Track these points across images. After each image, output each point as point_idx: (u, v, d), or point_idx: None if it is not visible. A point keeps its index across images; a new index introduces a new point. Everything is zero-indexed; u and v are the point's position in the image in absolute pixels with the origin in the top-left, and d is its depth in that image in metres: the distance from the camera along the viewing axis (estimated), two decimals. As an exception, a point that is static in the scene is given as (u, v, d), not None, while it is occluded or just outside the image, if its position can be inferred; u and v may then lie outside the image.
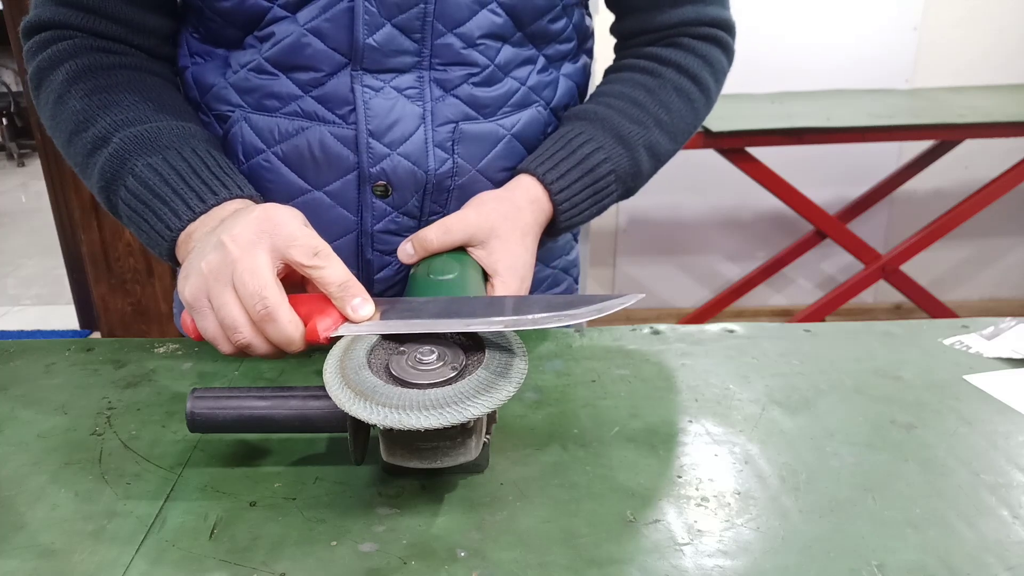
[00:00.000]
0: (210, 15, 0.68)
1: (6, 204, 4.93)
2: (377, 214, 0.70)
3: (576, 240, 0.88)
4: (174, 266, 0.64)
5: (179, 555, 0.44)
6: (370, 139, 0.67)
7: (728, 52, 0.78)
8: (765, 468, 0.51)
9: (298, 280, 0.54)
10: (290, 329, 0.50)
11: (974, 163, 2.59)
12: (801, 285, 2.87)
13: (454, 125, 0.68)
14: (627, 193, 0.75)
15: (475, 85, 0.69)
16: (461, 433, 0.45)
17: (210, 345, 0.69)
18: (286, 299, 0.51)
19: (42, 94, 0.69)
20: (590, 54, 0.80)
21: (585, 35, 0.77)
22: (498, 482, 0.50)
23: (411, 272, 0.64)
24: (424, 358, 0.47)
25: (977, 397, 0.60)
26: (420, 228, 0.71)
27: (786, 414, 0.58)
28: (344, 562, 0.43)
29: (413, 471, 0.49)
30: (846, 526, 0.46)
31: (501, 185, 0.72)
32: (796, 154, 2.38)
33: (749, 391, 0.61)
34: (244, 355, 0.53)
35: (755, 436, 0.55)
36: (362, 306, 0.51)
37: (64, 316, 3.06)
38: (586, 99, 0.78)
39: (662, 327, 0.72)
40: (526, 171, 0.70)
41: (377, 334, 0.50)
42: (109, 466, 0.52)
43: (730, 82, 0.81)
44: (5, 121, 5.85)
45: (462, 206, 0.68)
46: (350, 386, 0.45)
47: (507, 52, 0.69)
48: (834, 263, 2.80)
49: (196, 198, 0.61)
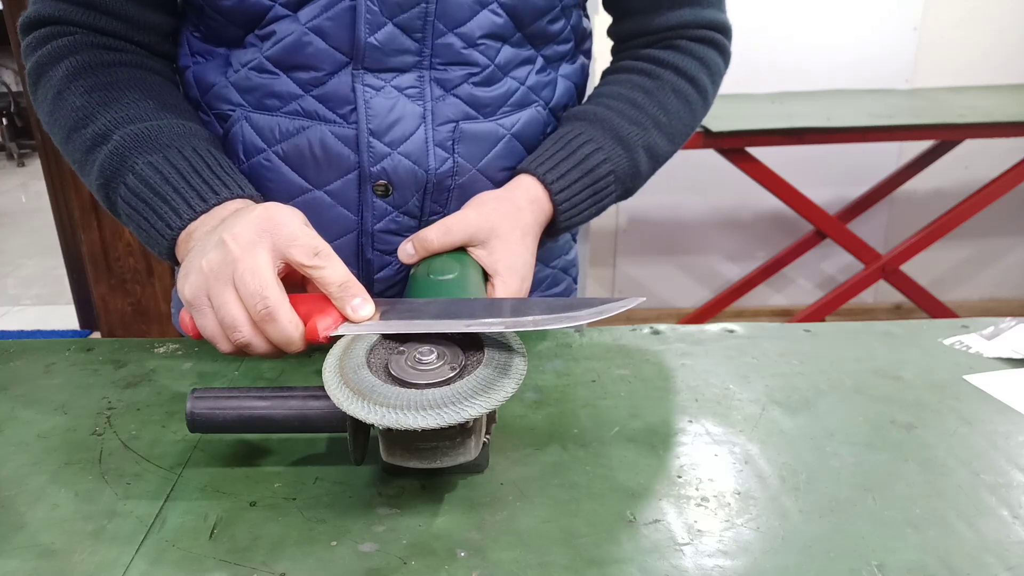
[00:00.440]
0: (211, 14, 0.68)
1: (6, 204, 4.93)
2: (378, 213, 0.70)
3: (575, 240, 0.88)
4: (173, 265, 0.64)
5: (179, 555, 0.44)
6: (371, 138, 0.67)
7: (724, 54, 0.79)
8: (765, 468, 0.51)
9: (298, 280, 0.54)
10: (290, 329, 0.50)
11: (974, 163, 2.59)
12: (801, 285, 2.87)
13: (454, 124, 0.69)
14: (626, 194, 0.75)
15: (475, 85, 0.69)
16: (461, 433, 0.45)
17: (210, 345, 0.68)
18: (286, 299, 0.51)
19: (40, 90, 0.69)
20: (588, 55, 0.80)
21: (583, 36, 0.78)
22: (498, 482, 0.50)
23: (411, 272, 0.64)
24: (423, 358, 0.47)
25: (977, 397, 0.60)
26: (420, 228, 0.71)
27: (786, 414, 0.58)
28: (344, 562, 0.43)
29: (413, 471, 0.49)
30: (846, 526, 0.46)
31: (501, 185, 0.72)
32: (796, 154, 2.38)
33: (749, 391, 0.61)
34: (243, 354, 0.53)
35: (755, 436, 0.55)
36: (362, 306, 0.51)
37: (64, 316, 3.06)
38: (584, 100, 0.78)
39: (662, 327, 0.72)
40: (526, 171, 0.70)
41: (377, 334, 0.50)
42: (109, 466, 0.52)
43: (730, 82, 0.81)
44: (5, 121, 5.85)
45: (462, 206, 0.68)
46: (348, 385, 0.45)
47: (507, 52, 0.69)
48: (834, 263, 2.80)
49: (197, 197, 0.61)
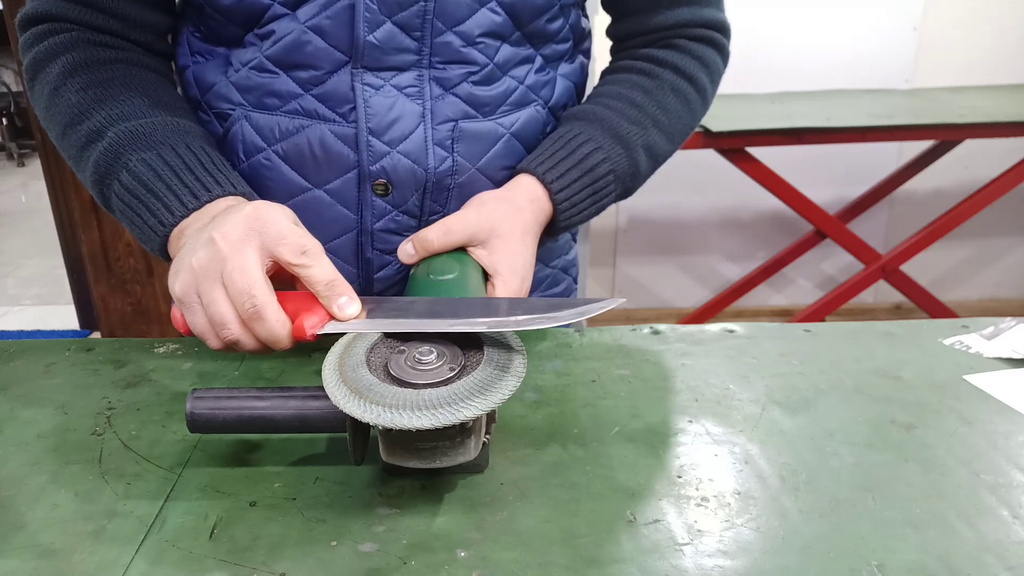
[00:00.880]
0: (211, 12, 0.68)
1: (6, 204, 4.93)
2: (377, 212, 0.70)
3: (575, 240, 0.88)
4: (166, 260, 0.64)
5: (179, 555, 0.44)
6: (370, 137, 0.67)
7: (723, 53, 0.79)
8: (765, 468, 0.51)
9: (287, 277, 0.55)
10: (277, 327, 0.51)
11: (974, 163, 2.59)
12: (801, 285, 2.87)
13: (453, 123, 0.69)
14: (625, 193, 0.75)
15: (474, 84, 0.69)
16: (460, 433, 0.45)
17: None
18: (274, 297, 0.51)
19: (37, 85, 0.69)
20: (587, 55, 0.80)
21: (582, 36, 0.78)
22: (498, 482, 0.50)
23: (411, 272, 0.64)
24: (423, 358, 0.47)
25: (977, 397, 0.60)
26: (420, 227, 0.71)
27: (786, 414, 0.58)
28: (344, 562, 0.43)
29: (413, 471, 0.49)
30: (846, 526, 0.46)
31: (501, 184, 0.72)
32: (796, 154, 2.38)
33: (749, 391, 0.61)
34: (232, 350, 0.54)
35: (755, 436, 0.55)
36: (348, 305, 0.52)
37: (64, 316, 3.06)
38: (583, 100, 0.78)
39: (662, 327, 0.72)
40: (526, 171, 0.70)
41: (370, 332, 0.50)
42: (109, 466, 0.52)
43: (730, 82, 0.81)
44: (5, 121, 5.85)
45: (462, 205, 0.68)
46: (347, 384, 0.45)
47: (506, 51, 0.69)
48: (834, 263, 2.80)
49: (189, 194, 0.61)
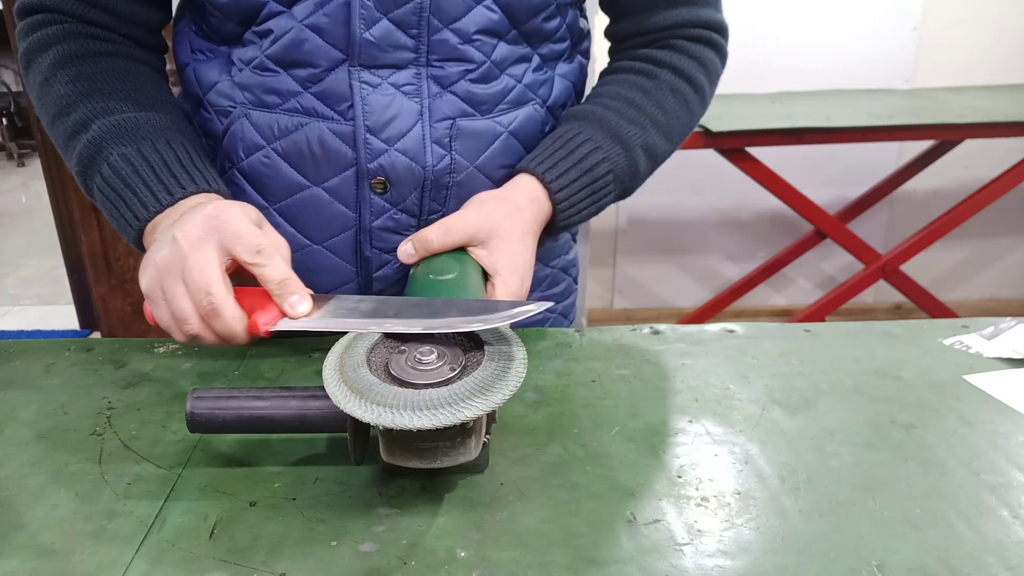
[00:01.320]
0: (211, 10, 0.69)
1: (6, 204, 4.93)
2: (376, 210, 0.70)
3: (575, 240, 0.88)
4: (141, 252, 0.66)
5: (179, 555, 0.44)
6: (368, 135, 0.67)
7: (721, 54, 0.79)
8: (765, 468, 0.51)
9: (250, 274, 0.56)
10: (233, 323, 0.53)
11: (974, 163, 2.59)
12: (801, 285, 2.86)
13: (451, 121, 0.69)
14: (624, 193, 0.75)
15: (472, 82, 0.69)
16: (461, 433, 0.45)
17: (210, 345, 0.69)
18: (231, 295, 0.54)
19: (30, 74, 0.71)
20: (586, 55, 0.80)
21: (580, 36, 0.78)
22: (498, 482, 0.50)
23: (411, 272, 0.64)
24: (423, 358, 0.47)
25: (977, 397, 0.60)
26: (420, 227, 0.71)
27: (786, 414, 0.58)
28: (344, 562, 0.43)
29: (413, 471, 0.49)
30: (846, 526, 0.46)
31: (499, 183, 0.72)
32: (796, 154, 2.38)
33: (749, 391, 0.61)
34: (196, 343, 0.56)
35: (755, 436, 0.55)
36: (299, 303, 0.54)
37: (64, 316, 3.06)
38: (582, 101, 0.78)
39: (662, 327, 0.72)
40: (525, 170, 0.70)
41: (370, 333, 0.50)
42: (109, 466, 0.52)
43: (730, 82, 0.81)
44: (5, 121, 5.85)
45: (461, 205, 0.68)
46: (347, 384, 0.45)
47: (503, 49, 0.70)
48: (834, 263, 2.80)
49: (164, 191, 0.63)
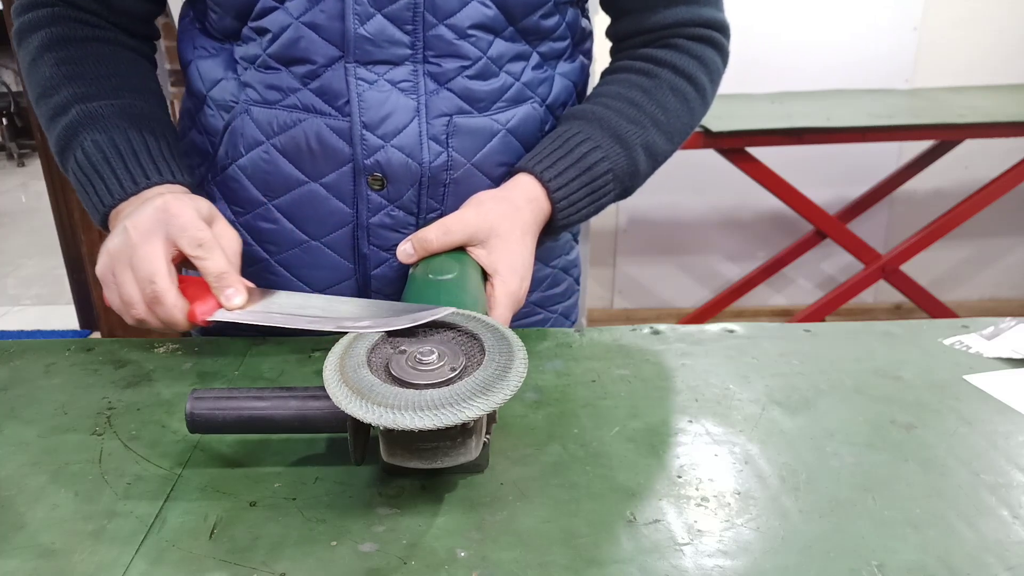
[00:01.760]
0: (211, 5, 0.70)
1: (6, 204, 4.93)
2: (373, 207, 0.70)
3: (576, 240, 0.88)
4: (102, 226, 0.69)
5: (179, 555, 0.44)
6: (364, 131, 0.68)
7: (723, 53, 0.78)
8: (765, 468, 0.51)
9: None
10: (175, 312, 0.58)
11: (974, 163, 2.59)
12: (801, 285, 2.86)
13: (448, 118, 0.69)
14: (624, 193, 0.75)
15: (469, 78, 0.69)
16: (461, 433, 0.45)
17: (210, 345, 0.69)
18: (174, 284, 0.58)
19: (21, 52, 0.74)
20: (588, 55, 0.80)
21: (582, 36, 0.78)
22: (498, 482, 0.50)
23: (410, 272, 0.64)
24: (424, 358, 0.47)
25: (977, 397, 0.60)
26: (418, 224, 0.71)
27: (786, 414, 0.58)
28: (344, 562, 0.43)
29: (413, 471, 0.49)
30: (846, 526, 0.46)
31: (498, 181, 0.72)
32: (796, 154, 2.38)
33: (749, 391, 0.61)
34: (144, 326, 0.61)
35: (755, 436, 0.55)
36: (234, 296, 0.58)
37: (64, 316, 3.06)
38: (583, 100, 0.78)
39: (662, 327, 0.72)
40: (524, 170, 0.70)
41: (370, 333, 0.50)
42: (109, 466, 0.52)
43: (730, 82, 0.81)
44: (5, 121, 5.85)
45: (460, 203, 0.68)
46: (348, 384, 0.45)
47: (499, 46, 0.70)
48: (834, 263, 2.80)
49: (129, 179, 0.66)
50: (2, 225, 4.49)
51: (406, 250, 0.65)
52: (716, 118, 2.10)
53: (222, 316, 0.58)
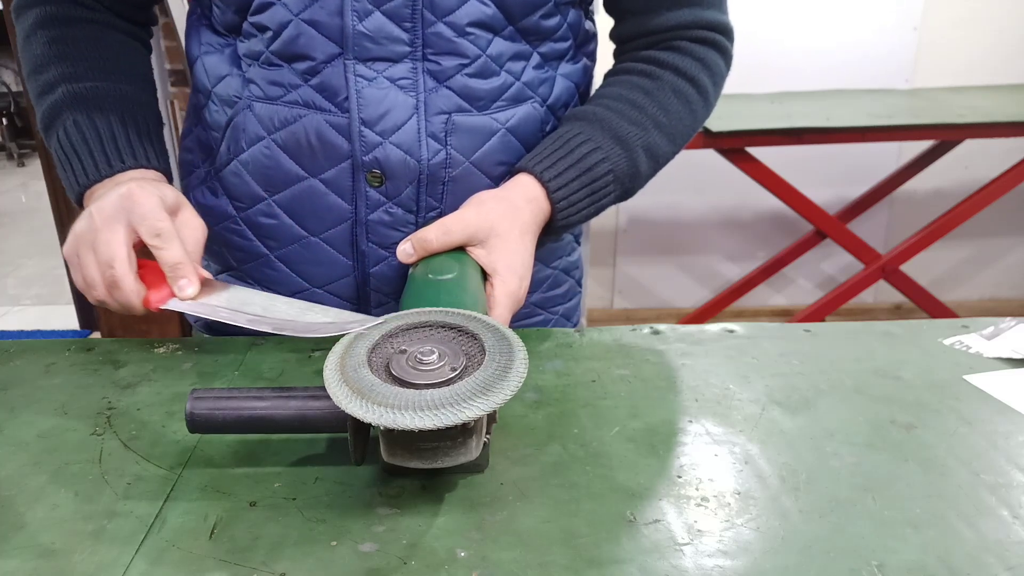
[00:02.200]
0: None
1: (6, 204, 4.93)
2: (371, 203, 0.71)
3: (578, 242, 0.88)
4: (78, 204, 0.71)
5: (179, 555, 0.44)
6: (362, 127, 0.68)
7: (726, 56, 0.78)
8: (765, 468, 0.51)
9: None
10: (131, 296, 0.61)
11: (974, 163, 2.59)
12: (801, 285, 2.86)
13: (447, 116, 0.69)
14: (625, 194, 0.75)
15: (469, 76, 0.69)
16: (462, 433, 0.45)
17: (210, 345, 0.69)
18: (132, 270, 0.60)
19: (17, 28, 0.76)
20: (591, 57, 0.80)
21: (585, 37, 0.78)
22: (498, 482, 0.50)
23: (410, 272, 0.64)
24: (424, 358, 0.47)
25: (977, 397, 0.60)
26: (417, 223, 0.71)
27: (786, 414, 0.58)
28: (344, 562, 0.43)
29: (413, 471, 0.49)
30: (846, 526, 0.46)
31: (497, 180, 0.72)
32: (796, 154, 2.37)
33: (749, 391, 0.61)
34: (106, 307, 0.63)
35: (755, 436, 0.55)
36: (186, 287, 0.61)
37: (64, 316, 3.06)
38: (585, 101, 0.78)
39: (662, 327, 0.72)
40: (524, 170, 0.70)
41: (371, 333, 0.50)
42: (109, 466, 0.52)
43: (730, 82, 0.81)
44: (5, 121, 5.85)
45: (459, 202, 0.68)
46: (349, 384, 0.45)
47: (499, 44, 0.70)
48: (834, 263, 2.80)
49: (104, 162, 0.68)
50: (2, 225, 4.49)
51: (406, 250, 0.65)
52: (716, 118, 2.09)
53: (174, 305, 0.61)
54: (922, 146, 2.44)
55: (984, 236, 2.78)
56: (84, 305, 2.86)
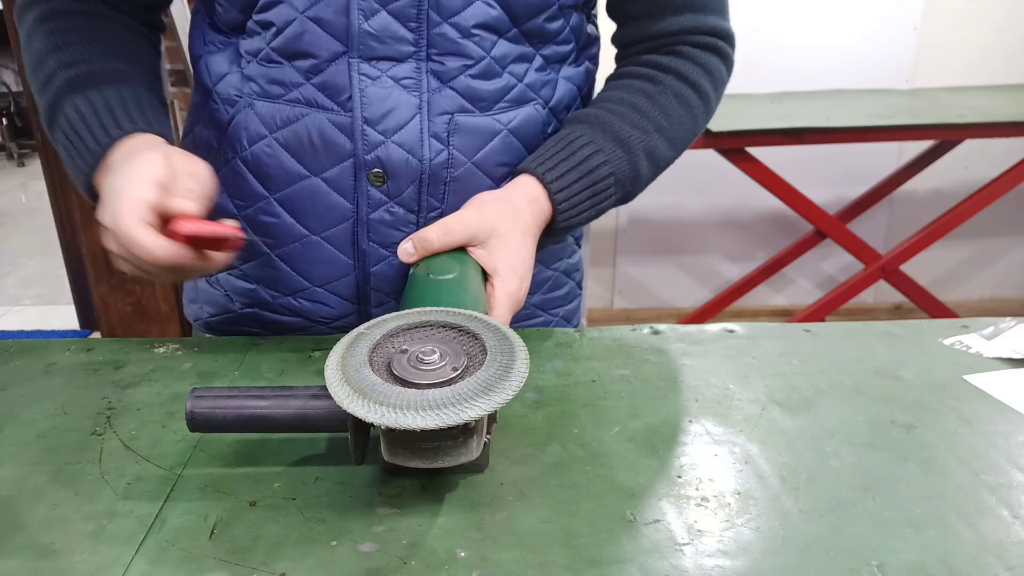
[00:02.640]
0: None
1: (6, 204, 4.93)
2: (373, 203, 0.71)
3: (579, 244, 0.88)
4: (93, 200, 0.67)
5: (179, 555, 0.44)
6: (365, 126, 0.68)
7: (727, 62, 0.79)
8: (765, 468, 0.51)
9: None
10: (139, 237, 0.56)
11: (974, 163, 2.59)
12: (801, 285, 2.87)
13: (450, 116, 0.69)
14: (626, 197, 0.75)
15: (472, 77, 0.69)
16: (463, 433, 0.45)
17: (210, 345, 0.69)
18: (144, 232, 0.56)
19: (20, 29, 0.74)
20: (593, 60, 0.80)
21: (587, 41, 0.78)
22: (498, 482, 0.50)
23: (411, 271, 0.64)
24: (426, 358, 0.47)
25: (977, 397, 0.60)
26: (418, 223, 0.71)
27: (786, 414, 0.58)
28: (344, 562, 0.43)
29: (413, 471, 0.49)
30: (846, 526, 0.46)
31: (498, 181, 0.72)
32: (796, 154, 2.37)
33: (749, 391, 0.61)
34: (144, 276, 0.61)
35: (755, 436, 0.55)
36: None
37: (64, 316, 3.06)
38: (587, 104, 0.78)
39: (662, 327, 0.72)
40: (525, 171, 0.70)
41: (371, 333, 0.50)
42: (109, 466, 0.52)
43: (730, 82, 0.81)
44: (5, 121, 5.85)
45: (460, 202, 0.68)
46: (350, 384, 0.45)
47: (503, 46, 0.70)
48: (834, 263, 2.80)
49: (103, 133, 0.65)
50: (2, 225, 4.49)
51: (407, 249, 0.65)
52: (716, 118, 2.06)
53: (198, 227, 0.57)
54: (922, 146, 2.44)
55: (984, 236, 2.78)
56: (84, 305, 2.86)
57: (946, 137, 2.25)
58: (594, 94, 0.80)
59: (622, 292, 2.86)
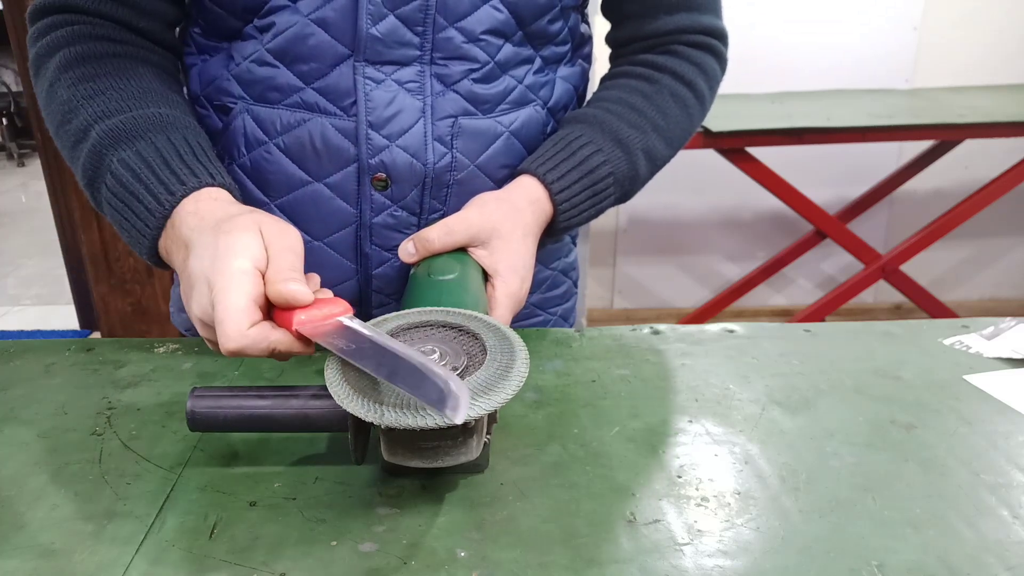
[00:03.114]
0: (209, 6, 0.69)
1: (6, 204, 4.93)
2: (376, 207, 0.70)
3: (575, 243, 0.88)
4: (156, 266, 0.62)
5: (179, 555, 0.44)
6: (369, 130, 0.67)
7: (721, 60, 0.79)
8: (765, 468, 0.51)
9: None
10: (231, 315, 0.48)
11: (974, 163, 2.59)
12: (801, 285, 2.86)
13: (453, 120, 0.69)
14: (624, 197, 0.75)
15: (475, 81, 0.69)
16: (462, 433, 0.45)
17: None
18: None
19: (39, 82, 0.69)
20: (587, 60, 0.80)
21: (581, 40, 0.78)
22: (498, 482, 0.50)
23: (412, 272, 0.64)
24: (425, 358, 0.47)
25: (977, 397, 0.60)
26: (420, 225, 0.71)
27: (786, 414, 0.58)
28: (344, 562, 0.43)
29: (413, 471, 0.49)
30: (846, 526, 0.46)
31: (500, 182, 0.72)
32: (796, 154, 2.37)
33: (749, 391, 0.61)
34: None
35: (755, 436, 0.55)
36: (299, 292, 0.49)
37: (64, 316, 3.06)
38: (584, 104, 0.78)
39: (662, 327, 0.72)
40: (526, 171, 0.70)
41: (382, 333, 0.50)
42: (109, 466, 0.52)
43: (729, 82, 0.82)
44: (5, 121, 5.85)
45: (462, 204, 0.68)
46: (350, 383, 0.45)
47: (507, 50, 0.70)
48: (834, 263, 2.80)
49: (164, 191, 0.59)
50: (2, 225, 4.49)
51: (408, 249, 0.65)
52: (716, 118, 2.10)
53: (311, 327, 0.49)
54: (922, 146, 2.44)
55: (984, 236, 2.78)
56: (84, 305, 2.86)
57: (946, 137, 2.25)
58: (588, 91, 0.80)
59: (622, 292, 2.86)
